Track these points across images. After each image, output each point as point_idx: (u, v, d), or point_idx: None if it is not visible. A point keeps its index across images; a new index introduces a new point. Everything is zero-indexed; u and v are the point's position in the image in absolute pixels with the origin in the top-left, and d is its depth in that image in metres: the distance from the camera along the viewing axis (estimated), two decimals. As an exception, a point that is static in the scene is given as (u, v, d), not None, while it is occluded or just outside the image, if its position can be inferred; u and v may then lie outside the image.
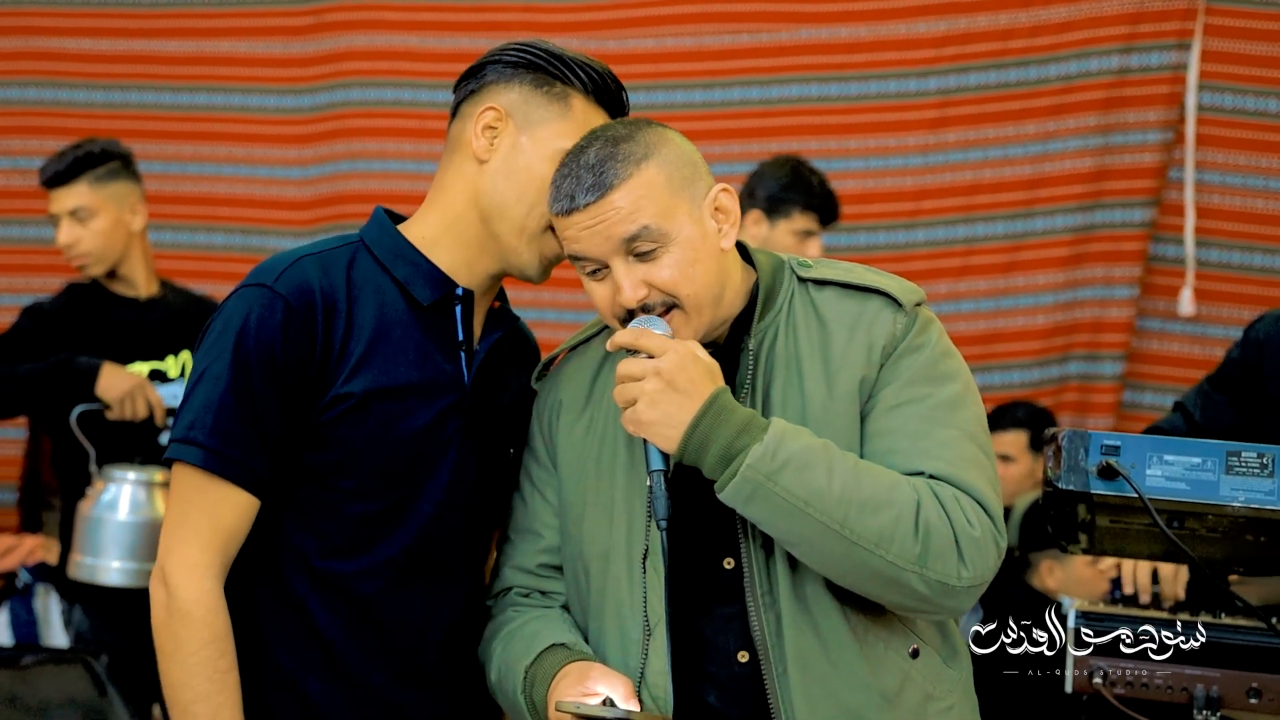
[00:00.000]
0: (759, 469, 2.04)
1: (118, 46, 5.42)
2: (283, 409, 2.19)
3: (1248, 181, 4.79)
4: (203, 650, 2.15)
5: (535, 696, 2.17)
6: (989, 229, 4.97)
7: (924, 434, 2.13)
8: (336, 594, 2.24)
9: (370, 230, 2.32)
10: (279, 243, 5.32)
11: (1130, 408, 4.94)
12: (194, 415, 2.18)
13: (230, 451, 2.16)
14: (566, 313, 5.06)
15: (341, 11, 5.29)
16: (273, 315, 2.17)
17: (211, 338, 2.21)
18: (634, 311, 2.14)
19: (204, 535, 2.17)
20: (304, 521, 2.24)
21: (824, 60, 4.99)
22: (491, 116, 2.26)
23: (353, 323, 2.22)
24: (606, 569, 2.22)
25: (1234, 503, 2.38)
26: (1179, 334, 4.91)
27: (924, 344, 2.20)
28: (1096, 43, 4.83)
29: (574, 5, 5.15)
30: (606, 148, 2.14)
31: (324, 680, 2.24)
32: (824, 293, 2.23)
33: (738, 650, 2.18)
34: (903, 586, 2.08)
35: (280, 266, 2.22)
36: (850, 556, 2.06)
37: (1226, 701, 2.68)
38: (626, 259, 2.13)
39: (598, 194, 2.11)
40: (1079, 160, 4.88)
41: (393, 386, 2.23)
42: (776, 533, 2.09)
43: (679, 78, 5.07)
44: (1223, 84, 4.78)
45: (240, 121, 5.37)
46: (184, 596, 2.15)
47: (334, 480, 2.23)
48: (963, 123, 4.95)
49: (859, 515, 2.04)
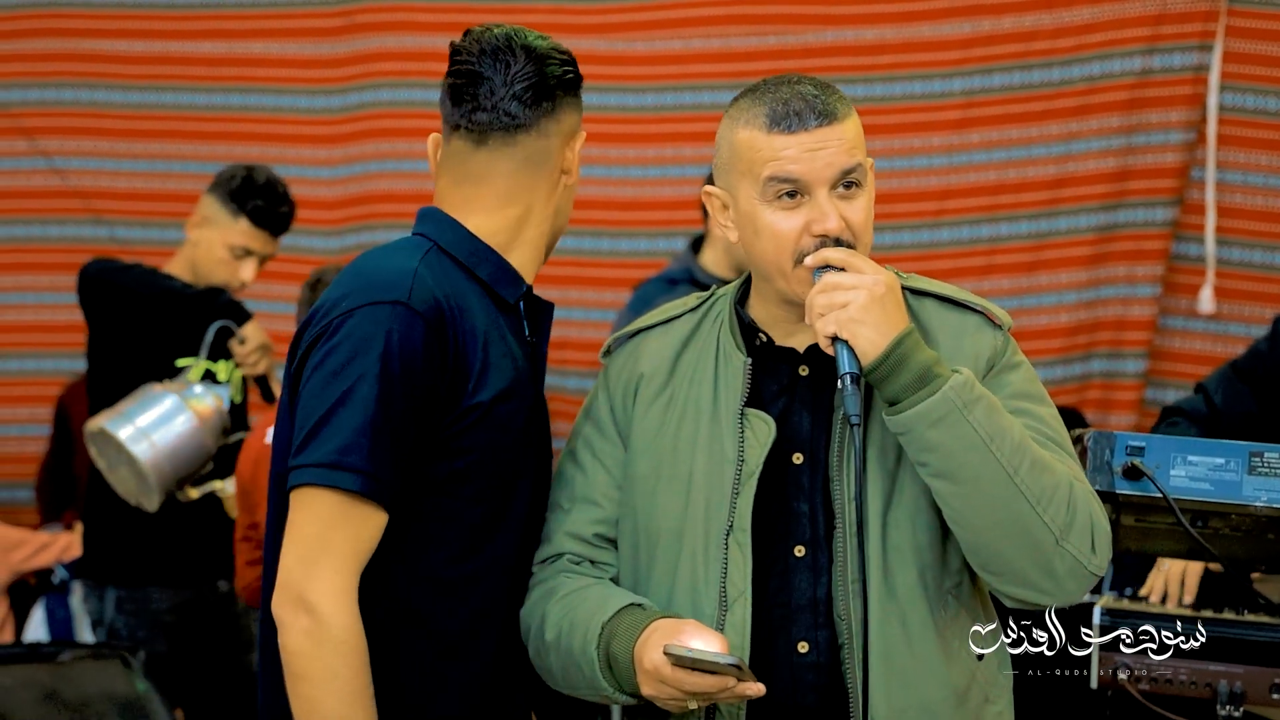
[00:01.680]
0: (960, 394, 2.09)
1: (152, 48, 5.49)
2: (419, 427, 2.20)
3: (1269, 181, 4.83)
4: (358, 678, 2.14)
5: (616, 650, 2.18)
6: (1013, 228, 5.02)
7: (1040, 443, 2.20)
8: (458, 600, 2.27)
9: (442, 233, 2.33)
10: (309, 242, 5.39)
11: (1153, 404, 4.97)
12: (344, 439, 2.15)
13: (383, 475, 2.16)
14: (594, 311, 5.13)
15: (372, 13, 5.35)
16: (413, 333, 2.17)
17: (341, 358, 2.18)
18: (825, 243, 2.19)
19: (349, 561, 2.16)
20: (430, 533, 2.25)
21: (851, 62, 5.04)
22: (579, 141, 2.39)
23: (469, 330, 2.25)
24: (680, 544, 2.25)
25: (1256, 502, 2.45)
26: (1200, 332, 4.95)
27: (1020, 363, 2.28)
28: (1119, 44, 4.87)
29: (601, 7, 5.20)
30: (819, 86, 2.22)
31: (444, 689, 2.28)
32: (924, 303, 2.29)
33: (798, 641, 2.22)
34: (1041, 552, 2.13)
35: (406, 281, 2.22)
36: (1010, 506, 2.11)
37: (1250, 697, 2.74)
38: (832, 190, 2.20)
39: (828, 120, 2.18)
40: (1102, 160, 4.91)
41: (505, 389, 2.27)
42: (947, 465, 2.12)
43: (706, 79, 5.12)
44: (1244, 85, 4.80)
45: (272, 122, 5.44)
46: (338, 624, 2.13)
47: (456, 488, 2.25)
48: (987, 123, 4.99)
49: (1031, 468, 2.11)
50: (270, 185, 4.19)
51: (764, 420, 2.24)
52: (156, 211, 5.39)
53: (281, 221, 4.21)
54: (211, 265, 4.17)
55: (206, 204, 4.19)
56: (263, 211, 4.15)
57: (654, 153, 5.19)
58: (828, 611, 2.21)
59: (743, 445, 2.24)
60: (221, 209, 4.15)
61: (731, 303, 2.35)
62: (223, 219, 4.15)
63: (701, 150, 5.00)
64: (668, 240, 5.14)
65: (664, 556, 2.27)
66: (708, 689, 2.10)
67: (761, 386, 2.28)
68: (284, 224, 4.23)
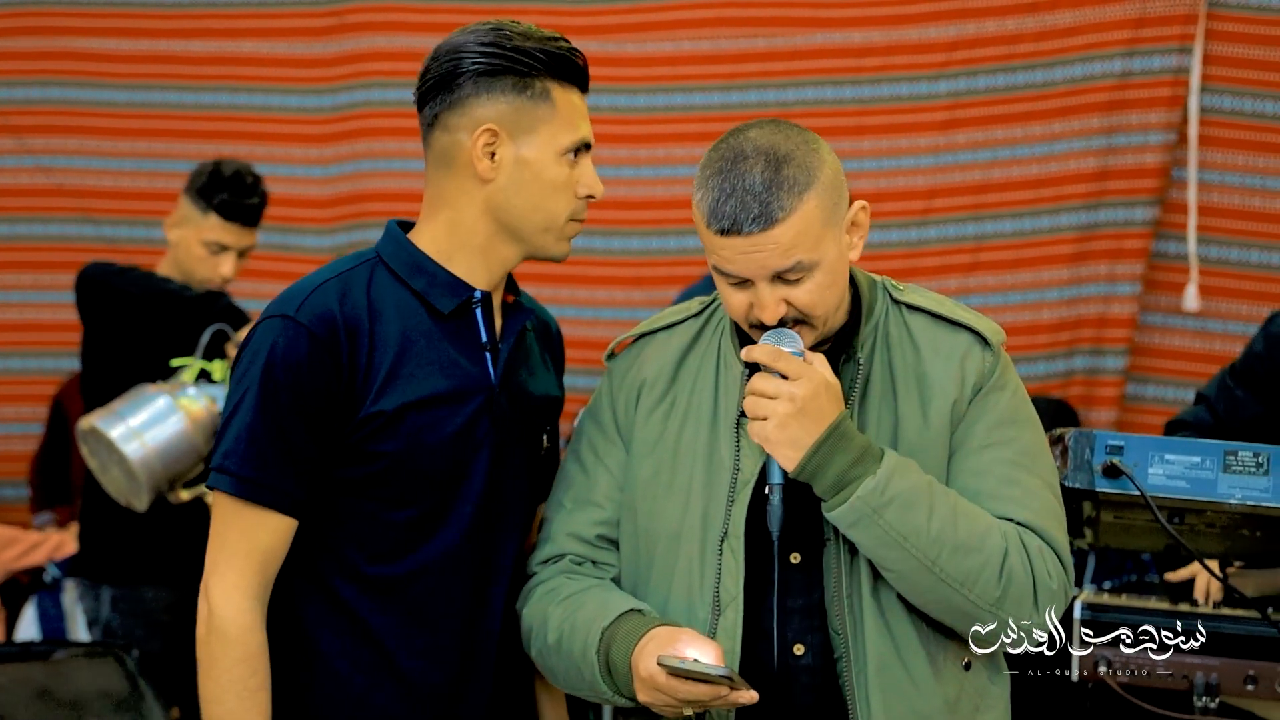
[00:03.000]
0: (868, 502, 2.16)
1: (140, 46, 5.51)
2: (314, 433, 2.28)
3: (1246, 181, 4.89)
4: (235, 668, 2.25)
5: (615, 656, 2.24)
6: (997, 227, 5.08)
7: (1012, 480, 2.25)
8: (386, 597, 2.33)
9: (386, 246, 2.39)
10: (300, 240, 5.43)
11: (1134, 400, 5.05)
12: (228, 444, 2.28)
13: (262, 478, 2.26)
14: (586, 309, 5.18)
15: (363, 13, 5.38)
16: (297, 345, 2.26)
17: (241, 369, 2.31)
18: (766, 328, 2.23)
19: (241, 558, 2.27)
20: (348, 532, 2.33)
21: (838, 64, 5.10)
22: (488, 138, 2.31)
23: (376, 342, 2.30)
24: (677, 548, 2.30)
25: (1231, 500, 2.51)
26: (1181, 328, 5.01)
27: (1008, 384, 2.32)
28: (1101, 47, 4.92)
29: (592, 8, 5.25)
30: (769, 171, 2.17)
31: (380, 682, 2.33)
32: (916, 318, 2.33)
33: (794, 643, 2.27)
34: (977, 620, 2.21)
35: (301, 295, 2.31)
36: (935, 590, 2.19)
37: (1225, 688, 2.81)
38: (772, 282, 2.21)
39: (762, 225, 2.16)
40: (1084, 160, 4.97)
41: (422, 399, 2.31)
42: (872, 556, 2.21)
43: (696, 80, 5.17)
44: (1223, 87, 4.86)
45: (262, 121, 5.47)
46: (221, 616, 2.25)
47: (374, 490, 2.32)
48: (972, 124, 5.05)
49: (950, 556, 2.17)
50: (237, 178, 4.20)
51: None
52: (146, 210, 5.41)
53: (251, 213, 4.21)
54: (191, 263, 4.20)
55: (181, 203, 4.23)
56: (230, 205, 4.16)
57: (645, 153, 5.23)
58: (821, 616, 2.26)
59: (739, 454, 2.29)
60: (192, 206, 4.18)
61: None
62: (195, 216, 4.17)
63: (693, 151, 5.05)
64: (660, 240, 5.20)
65: (662, 560, 2.32)
66: (701, 697, 2.16)
67: None
68: (254, 215, 4.23)
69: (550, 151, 2.31)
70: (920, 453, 2.26)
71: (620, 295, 5.23)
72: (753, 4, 5.16)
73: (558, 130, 2.31)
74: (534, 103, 2.31)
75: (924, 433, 2.27)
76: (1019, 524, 2.24)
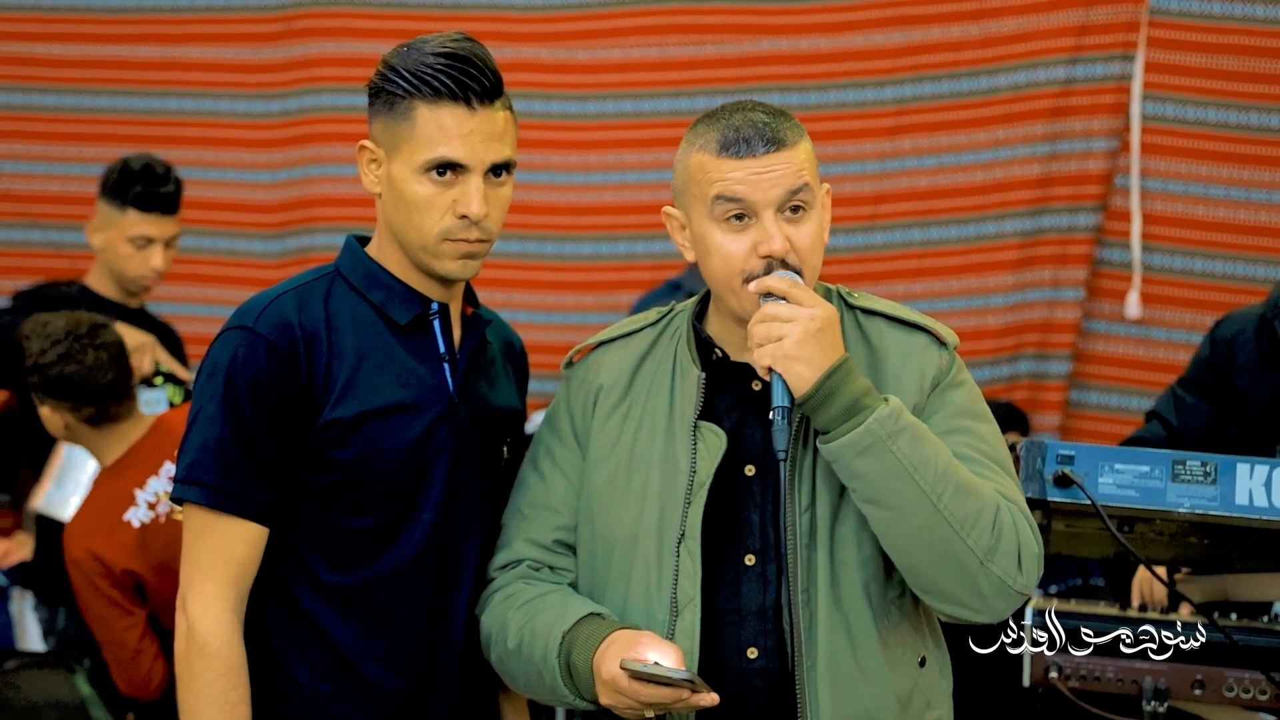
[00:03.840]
0: (883, 426, 2.17)
1: (86, 51, 5.49)
2: (277, 440, 2.30)
3: (1189, 188, 4.95)
4: (216, 682, 2.26)
5: (576, 660, 2.26)
6: (943, 233, 5.13)
7: (977, 462, 2.28)
8: (346, 605, 2.35)
9: (344, 260, 2.44)
10: (248, 245, 5.42)
11: (1076, 406, 5.10)
12: (193, 456, 2.30)
13: (231, 486, 2.28)
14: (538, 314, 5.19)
15: (311, 18, 5.38)
16: (256, 355, 2.29)
17: (201, 380, 2.34)
18: (771, 265, 2.26)
19: (216, 569, 2.29)
20: (309, 539, 2.35)
21: (786, 70, 5.15)
22: (367, 155, 2.37)
23: (334, 352, 2.33)
24: (634, 551, 2.33)
25: (1180, 509, 2.56)
26: (1123, 335, 5.06)
27: (964, 381, 2.36)
28: (1044, 54, 4.98)
29: (543, 15, 5.26)
30: (770, 113, 2.30)
31: (342, 690, 2.35)
32: (873, 321, 2.38)
33: (748, 646, 2.30)
34: (966, 573, 2.21)
35: (259, 307, 2.34)
36: (934, 530, 2.19)
37: (1174, 692, 2.86)
38: (779, 213, 2.27)
39: (776, 146, 2.26)
40: (1028, 167, 5.04)
41: (380, 408, 2.34)
42: (873, 491, 2.20)
43: (646, 87, 5.20)
44: (1165, 94, 4.92)
45: (210, 126, 5.46)
46: (200, 629, 2.27)
47: (333, 498, 2.34)
48: (918, 130, 5.10)
49: (955, 494, 2.19)
50: (148, 169, 4.19)
51: (715, 433, 2.32)
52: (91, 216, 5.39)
53: (169, 201, 4.19)
54: (121, 264, 4.19)
55: (98, 209, 4.22)
56: (146, 196, 4.15)
57: (595, 159, 5.25)
58: (776, 619, 2.29)
59: (695, 456, 2.32)
60: (109, 207, 4.18)
61: (690, 318, 2.42)
62: (113, 216, 4.17)
63: (643, 156, 5.10)
64: (610, 245, 5.23)
65: (619, 563, 2.35)
66: (663, 700, 2.19)
67: (716, 400, 2.36)
68: (173, 203, 4.21)
69: (408, 169, 2.31)
70: None
71: (571, 300, 5.26)
72: (702, 11, 5.20)
73: (415, 149, 2.30)
74: (397, 121, 2.32)
75: None
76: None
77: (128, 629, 3.53)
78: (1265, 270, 4.90)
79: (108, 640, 3.55)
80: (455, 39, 2.33)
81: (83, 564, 3.48)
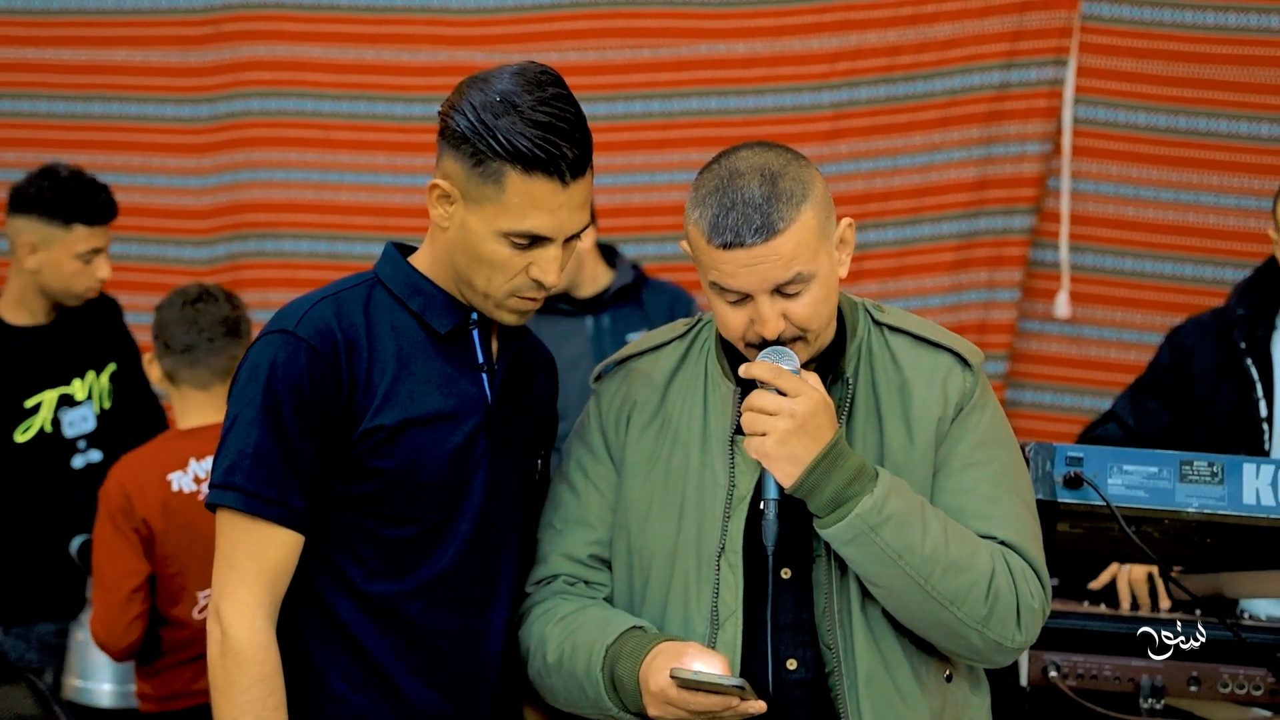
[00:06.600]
0: (865, 519, 2.20)
1: (9, 55, 5.38)
2: (316, 446, 2.28)
3: (1119, 190, 5.04)
4: (253, 688, 2.23)
5: (621, 673, 2.27)
6: (880, 235, 5.18)
7: (994, 499, 2.32)
8: (383, 616, 2.33)
9: (384, 266, 2.42)
10: (178, 252, 5.33)
11: (1012, 405, 5.16)
12: (231, 460, 2.27)
13: (269, 492, 2.25)
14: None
15: (240, 21, 5.29)
16: (297, 359, 2.27)
17: (240, 385, 2.31)
18: (766, 340, 2.27)
19: (251, 575, 2.26)
20: (345, 548, 2.33)
21: (722, 75, 5.16)
22: (438, 193, 2.33)
23: (374, 358, 2.31)
24: (672, 565, 2.34)
25: (1189, 508, 2.61)
26: (1056, 335, 5.14)
27: (988, 404, 2.39)
28: (979, 59, 5.05)
29: (477, 19, 5.22)
30: (766, 185, 2.22)
31: (378, 703, 2.33)
32: (898, 339, 2.39)
33: (787, 658, 2.32)
34: (962, 639, 2.28)
35: (299, 311, 2.32)
36: (925, 607, 2.25)
37: (1170, 690, 2.92)
38: (772, 296, 2.25)
39: (764, 236, 2.21)
40: (963, 170, 5.10)
41: (421, 416, 2.32)
42: (864, 574, 2.26)
43: (582, 91, 5.07)
44: (1097, 98, 5.01)
45: (138, 131, 5.36)
46: (235, 636, 2.24)
47: (371, 508, 2.32)
48: (854, 134, 5.14)
49: (942, 575, 2.23)
50: (78, 181, 4.12)
51: None
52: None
53: (110, 208, 4.14)
54: (67, 280, 4.09)
55: (26, 230, 4.07)
56: (91, 210, 4.08)
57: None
58: (812, 631, 2.31)
59: (734, 470, 2.32)
60: (48, 227, 4.05)
61: (716, 330, 2.43)
62: (56, 235, 4.05)
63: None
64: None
65: (657, 577, 2.35)
66: (713, 708, 2.20)
67: None
68: (113, 209, 4.15)
69: (489, 228, 2.29)
70: (905, 471, 2.31)
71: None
72: (639, 15, 5.20)
73: (499, 214, 2.28)
74: (485, 180, 2.28)
75: (909, 451, 2.33)
76: (1001, 543, 2.31)
77: (127, 574, 3.57)
78: (1193, 269, 5.01)
79: (104, 579, 3.59)
80: (554, 101, 2.28)
81: (112, 496, 3.58)
